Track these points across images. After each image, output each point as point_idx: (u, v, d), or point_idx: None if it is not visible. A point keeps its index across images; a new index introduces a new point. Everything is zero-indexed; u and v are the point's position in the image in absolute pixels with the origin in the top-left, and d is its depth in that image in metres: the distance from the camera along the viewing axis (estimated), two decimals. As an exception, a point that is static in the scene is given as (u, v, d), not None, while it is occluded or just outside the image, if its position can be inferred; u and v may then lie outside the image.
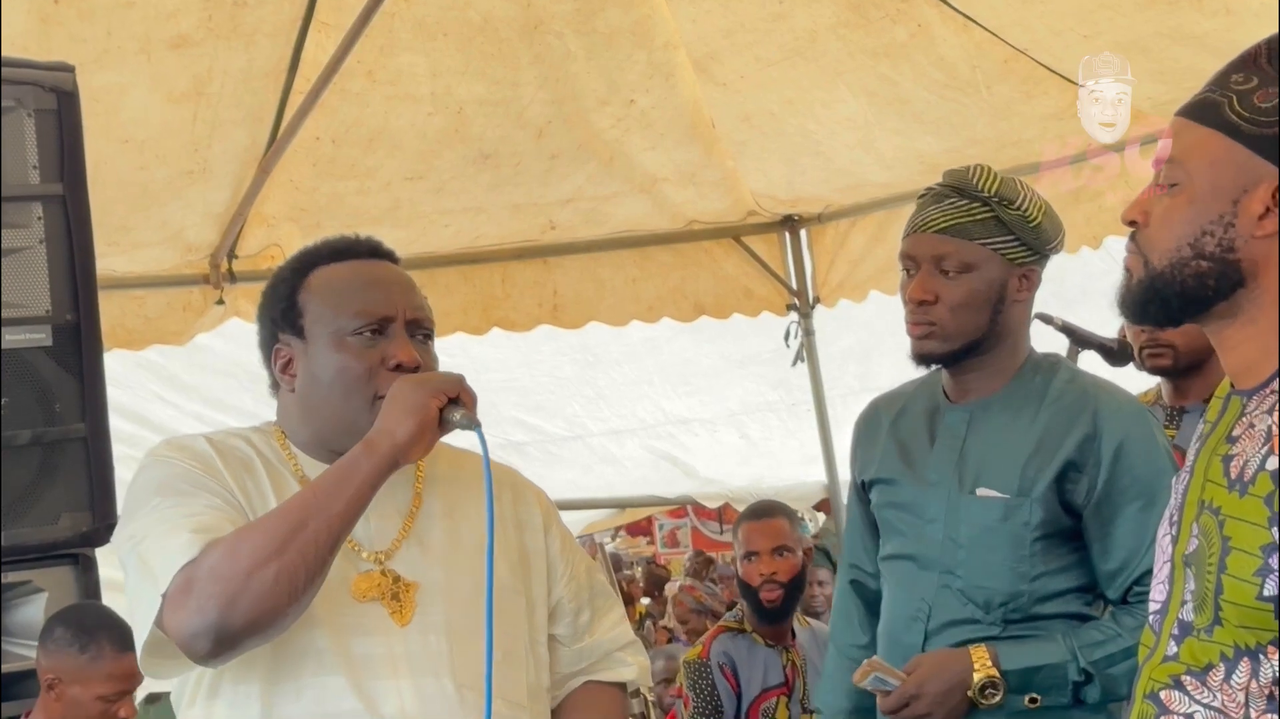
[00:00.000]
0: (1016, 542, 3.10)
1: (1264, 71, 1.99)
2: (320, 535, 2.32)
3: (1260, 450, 1.95)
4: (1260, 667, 1.93)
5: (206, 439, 2.56)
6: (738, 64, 5.53)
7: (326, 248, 2.64)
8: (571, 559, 2.75)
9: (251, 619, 2.30)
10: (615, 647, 2.79)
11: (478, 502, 2.55)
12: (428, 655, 2.48)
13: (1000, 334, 3.15)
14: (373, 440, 2.38)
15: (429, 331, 2.59)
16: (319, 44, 5.17)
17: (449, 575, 2.54)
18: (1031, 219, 3.11)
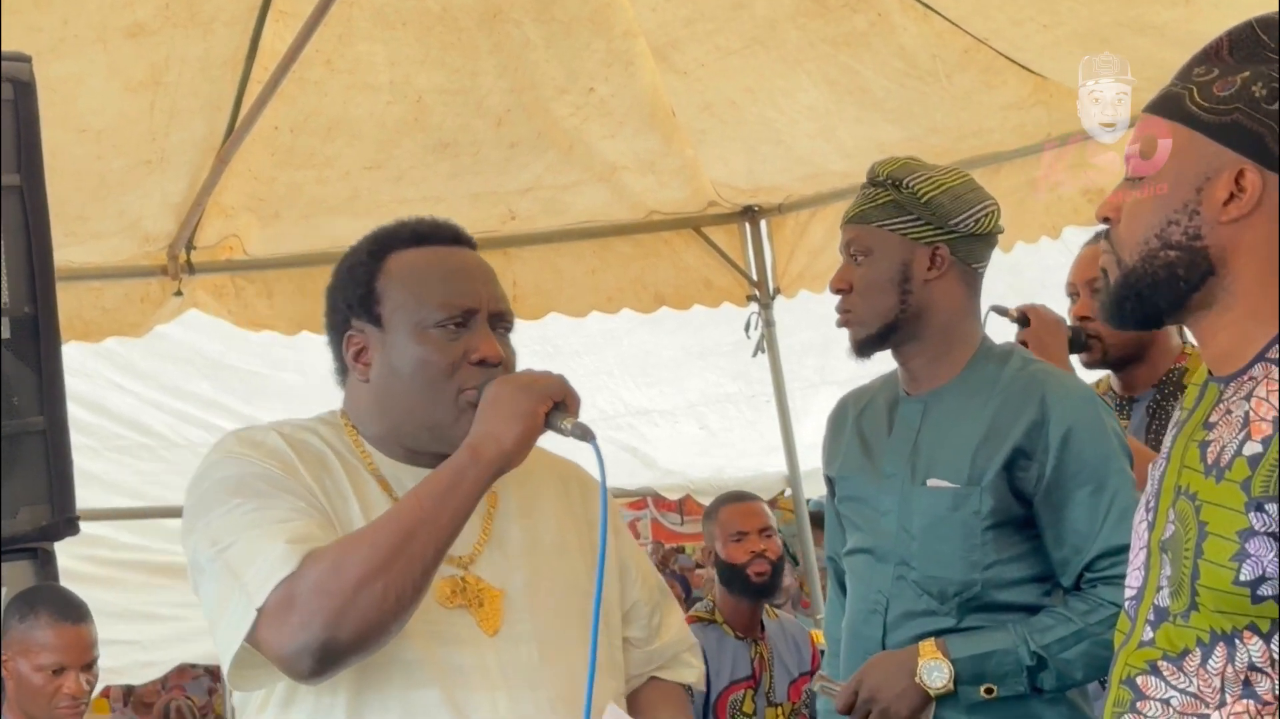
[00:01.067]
0: (967, 531, 3.10)
1: (1225, 63, 2.01)
2: (428, 548, 2.23)
3: (1237, 436, 1.96)
4: (1236, 651, 1.94)
5: (279, 433, 2.43)
6: (698, 52, 5.52)
7: (406, 230, 2.51)
8: (639, 559, 2.66)
9: (358, 636, 2.21)
10: (683, 648, 2.69)
11: (553, 498, 2.52)
12: (519, 666, 2.37)
13: (921, 315, 3.16)
14: (477, 446, 2.29)
15: (510, 324, 2.49)
16: (277, 33, 5.14)
17: (532, 580, 2.44)
18: (922, 195, 3.14)
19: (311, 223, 5.93)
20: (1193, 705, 1.97)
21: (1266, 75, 1.97)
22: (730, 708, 5.14)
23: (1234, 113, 1.98)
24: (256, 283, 6.02)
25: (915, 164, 3.22)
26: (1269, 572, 1.90)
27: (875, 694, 3.09)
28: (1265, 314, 2.00)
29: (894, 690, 3.08)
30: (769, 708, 5.18)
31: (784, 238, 6.65)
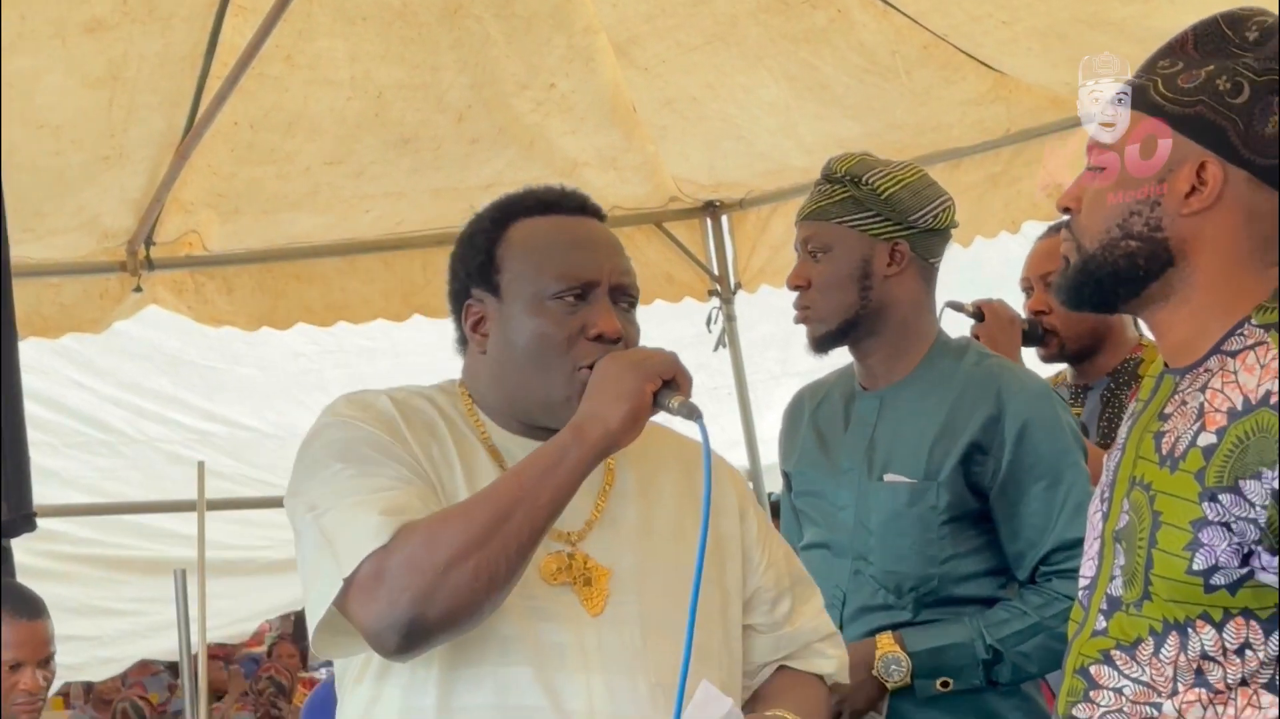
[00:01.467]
0: (924, 526, 3.12)
1: (1190, 56, 2.02)
2: (524, 528, 2.16)
3: (1192, 427, 1.97)
4: (1189, 640, 1.95)
5: (390, 397, 2.38)
6: (659, 48, 5.52)
7: (531, 198, 2.45)
8: (770, 545, 2.55)
9: (447, 615, 2.16)
10: (816, 637, 2.57)
11: (673, 480, 2.44)
12: (621, 650, 2.29)
13: (880, 311, 3.17)
14: (582, 425, 2.21)
15: (634, 299, 2.40)
16: (236, 28, 5.11)
17: (643, 562, 2.36)
18: (882, 191, 3.14)
19: (272, 219, 5.91)
20: (1145, 694, 1.99)
21: (1231, 69, 1.99)
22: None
23: (1198, 105, 2.00)
24: (216, 279, 5.99)
25: (872, 160, 3.23)
26: (1221, 561, 1.91)
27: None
28: (1222, 307, 2.02)
29: (851, 683, 3.09)
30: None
31: (745, 233, 6.65)
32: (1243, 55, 2.00)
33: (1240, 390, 1.95)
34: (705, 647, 2.34)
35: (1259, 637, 1.93)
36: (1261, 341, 1.98)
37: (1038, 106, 5.35)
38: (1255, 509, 1.89)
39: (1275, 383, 1.92)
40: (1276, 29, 2.02)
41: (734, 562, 2.47)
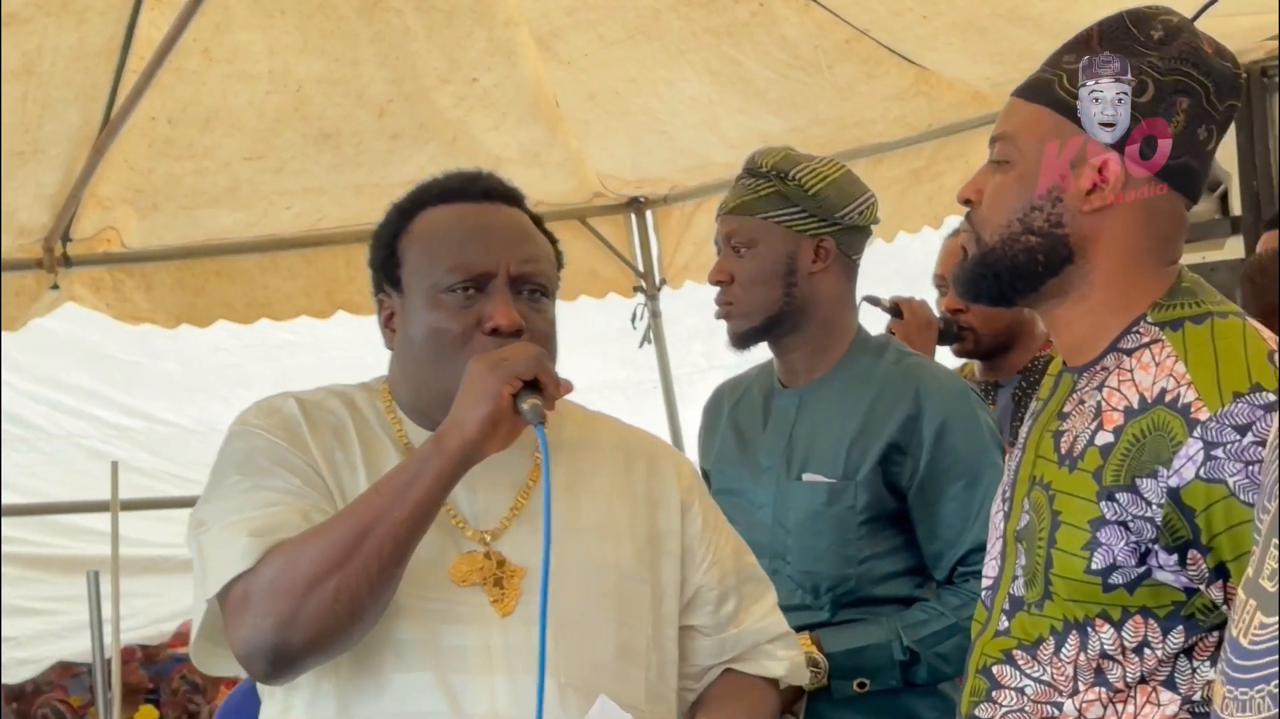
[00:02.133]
0: (842, 526, 3.10)
1: (1094, 52, 2.02)
2: (384, 545, 2.07)
3: (1089, 426, 1.98)
4: (1088, 639, 1.96)
5: (297, 400, 2.31)
6: (581, 42, 5.49)
7: (436, 187, 2.35)
8: (715, 542, 2.43)
9: (310, 640, 2.10)
10: (764, 638, 2.45)
11: (609, 474, 2.37)
12: (529, 650, 2.17)
13: (804, 308, 3.15)
14: (442, 435, 2.13)
15: (540, 287, 2.28)
16: (152, 21, 5.05)
17: (561, 559, 2.20)
18: (809, 187, 3.13)
19: (191, 215, 5.85)
20: (1046, 693, 1.99)
21: (1136, 68, 1.99)
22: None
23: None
24: (135, 276, 5.93)
25: (797, 155, 3.21)
26: (1119, 560, 1.92)
27: None
28: (1119, 305, 2.02)
29: None
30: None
31: (669, 229, 6.65)
32: (1148, 54, 2.00)
33: (1136, 389, 1.95)
34: (631, 646, 2.28)
35: (1157, 635, 1.94)
36: (1157, 339, 1.98)
37: (959, 102, 5.36)
38: (1152, 508, 1.89)
39: (1170, 381, 1.92)
40: (1182, 28, 2.02)
41: (671, 559, 2.38)
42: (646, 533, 2.35)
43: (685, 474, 2.45)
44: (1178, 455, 1.88)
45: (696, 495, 2.44)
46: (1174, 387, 1.91)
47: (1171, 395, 1.91)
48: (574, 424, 2.39)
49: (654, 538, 2.36)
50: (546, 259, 2.32)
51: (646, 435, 2.48)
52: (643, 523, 2.36)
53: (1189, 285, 2.03)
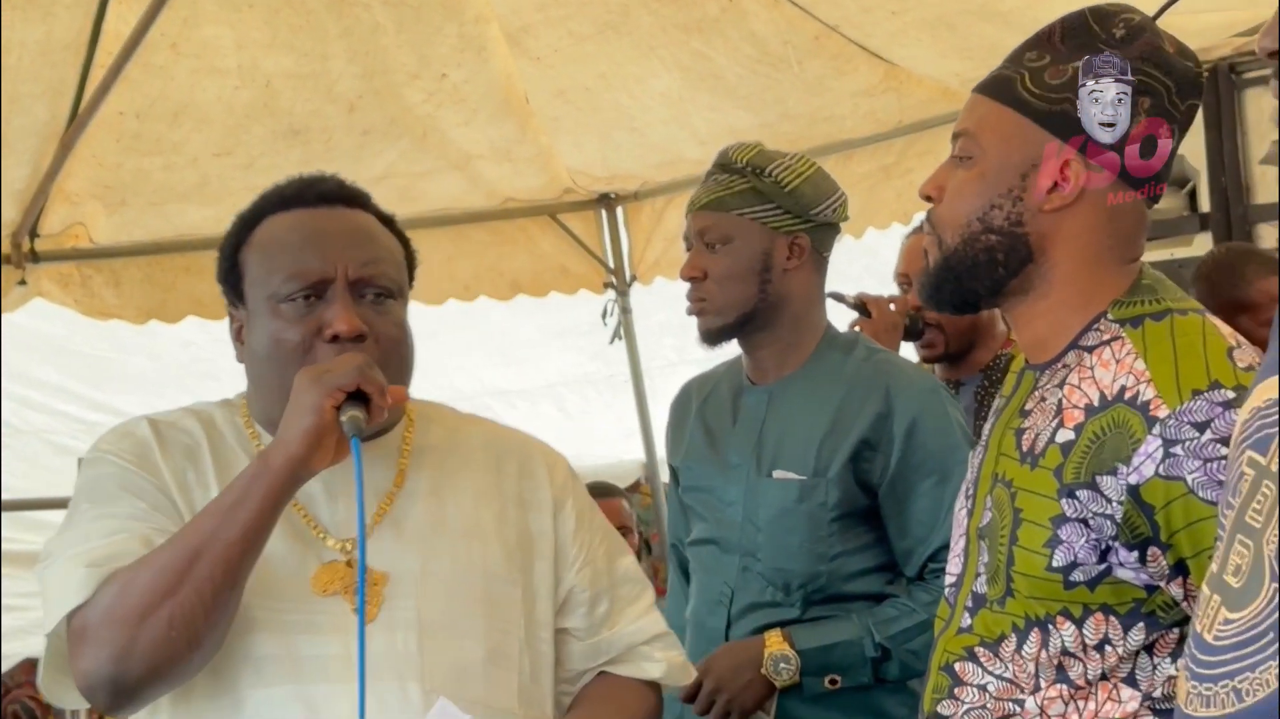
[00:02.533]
0: (814, 523, 3.10)
1: (1057, 49, 2.02)
2: (216, 569, 2.02)
3: (1051, 423, 1.98)
4: (1050, 637, 1.96)
5: (150, 422, 2.26)
6: (551, 38, 5.48)
7: (276, 194, 2.30)
8: (588, 542, 2.38)
9: (149, 670, 2.04)
10: (640, 639, 2.40)
11: (477, 476, 2.32)
12: (392, 656, 2.15)
13: (778, 305, 3.15)
14: (268, 452, 2.07)
15: (384, 290, 2.22)
16: (120, 15, 5.03)
17: (426, 563, 2.21)
18: (785, 184, 3.12)
19: (159, 210, 5.82)
20: (1008, 690, 1.99)
21: None
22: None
23: (1064, 102, 2.00)
24: (104, 271, 5.90)
25: (771, 151, 3.20)
26: (1080, 558, 1.92)
27: (721, 685, 3.09)
28: (1080, 302, 2.02)
29: (740, 682, 3.08)
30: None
31: (640, 225, 6.64)
32: (1109, 53, 2.00)
33: (1097, 386, 1.95)
34: (502, 649, 2.24)
35: (1118, 632, 1.94)
36: (1117, 337, 1.98)
37: (929, 98, 5.36)
38: (1112, 505, 1.90)
39: (1130, 378, 1.92)
40: (1143, 27, 2.02)
41: (544, 561, 2.33)
42: (517, 535, 2.31)
43: (559, 473, 2.40)
44: (1137, 453, 1.88)
45: (570, 494, 2.39)
46: (1134, 384, 1.92)
47: (1131, 393, 1.91)
48: (441, 427, 2.35)
49: (525, 540, 2.32)
50: (391, 260, 2.26)
51: (519, 435, 2.43)
52: (513, 525, 2.31)
53: (1150, 282, 2.04)
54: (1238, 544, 1.36)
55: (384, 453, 2.25)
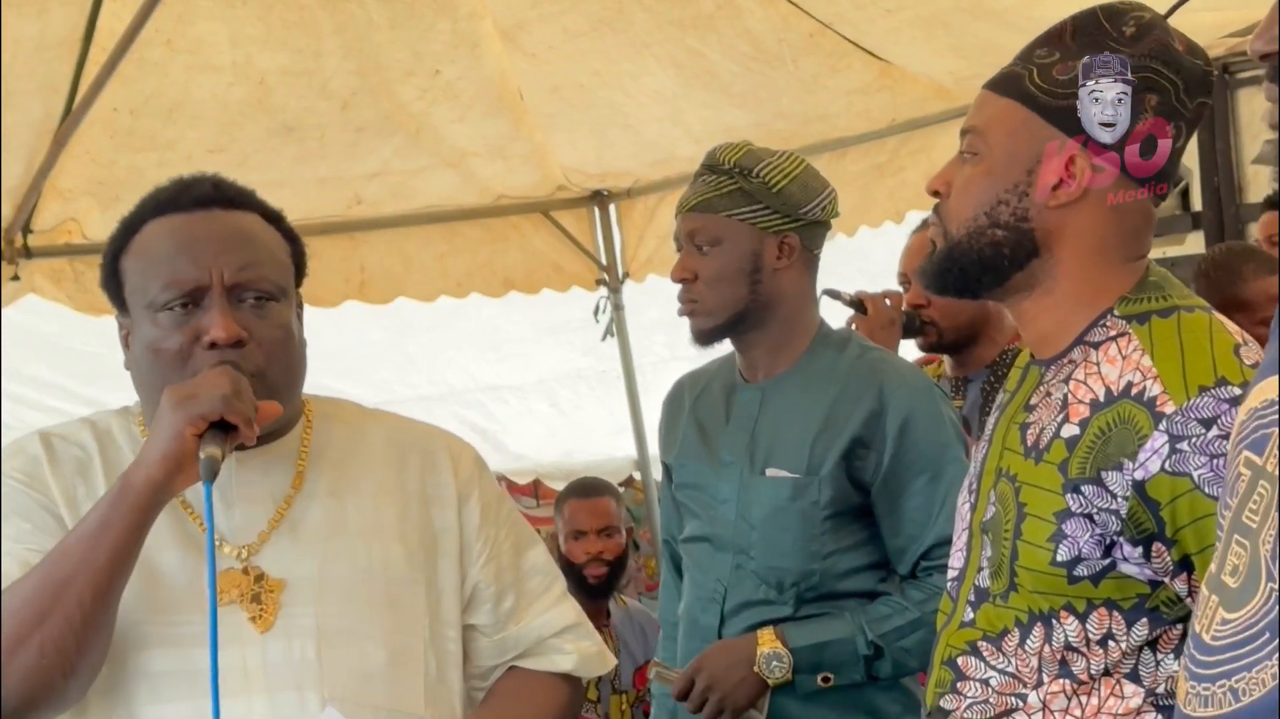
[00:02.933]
0: (807, 521, 3.11)
1: (1067, 47, 2.03)
2: (85, 594, 1.97)
3: (1056, 419, 1.98)
4: (1053, 631, 1.96)
5: (42, 437, 2.22)
6: (545, 34, 5.48)
7: (153, 200, 2.23)
8: (493, 536, 2.32)
9: (26, 699, 1.99)
10: (549, 632, 2.35)
11: (379, 474, 2.26)
12: (290, 666, 2.12)
13: (769, 304, 3.16)
14: (129, 473, 2.02)
15: (264, 293, 2.16)
16: (114, 12, 5.02)
17: (324, 567, 2.16)
18: (773, 184, 3.12)
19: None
20: (1011, 685, 1.99)
21: None
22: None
23: (1070, 98, 2.00)
24: (96, 267, 5.82)
25: (759, 150, 3.20)
26: (1084, 552, 1.92)
27: (714, 682, 3.09)
28: (1086, 298, 2.03)
29: (733, 680, 3.08)
30: (613, 694, 5.19)
31: (633, 222, 6.64)
32: (1119, 50, 2.00)
33: (1102, 381, 1.96)
34: (405, 651, 2.19)
35: (1121, 627, 1.94)
36: (1124, 333, 1.99)
37: (922, 96, 5.37)
38: (1117, 500, 1.90)
39: (1136, 374, 1.93)
40: (1153, 25, 2.02)
41: (448, 558, 2.28)
42: (419, 532, 2.26)
43: (464, 466, 2.33)
44: (1143, 448, 1.88)
45: (475, 487, 2.33)
46: (1140, 380, 1.92)
47: (1137, 389, 1.91)
48: (343, 425, 2.30)
49: (428, 537, 2.27)
50: (271, 262, 2.20)
51: (424, 428, 2.37)
52: (415, 522, 2.26)
53: (1156, 279, 2.04)
54: (1235, 544, 1.36)
55: (281, 455, 2.22)
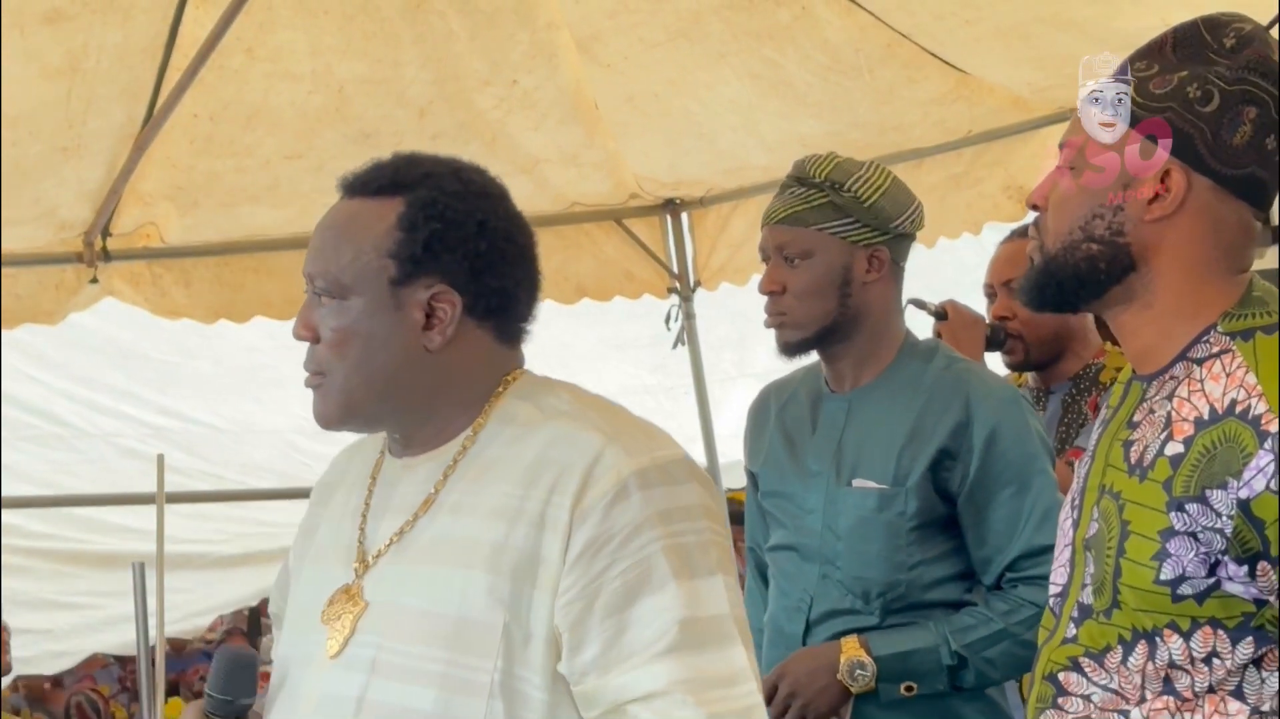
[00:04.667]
0: (893, 532, 3.11)
1: (1166, 59, 2.02)
2: None
3: (1159, 436, 1.97)
4: (1157, 649, 1.96)
5: (346, 449, 2.28)
6: (621, 45, 5.50)
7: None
8: (590, 573, 1.99)
9: None
10: (627, 697, 1.99)
11: (505, 489, 2.05)
12: (338, 699, 2.03)
13: (857, 317, 3.15)
14: None
15: (323, 287, 2.08)
16: (197, 20, 5.08)
17: (403, 593, 2.05)
18: (865, 199, 3.12)
19: (230, 212, 5.87)
20: (1113, 702, 1.99)
21: (1203, 77, 1.99)
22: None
23: (1166, 111, 2.00)
24: (174, 271, 5.95)
25: (849, 164, 3.19)
26: (1189, 571, 1.91)
27: (796, 689, 3.10)
28: (1186, 312, 2.02)
29: (816, 687, 3.09)
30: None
31: (705, 231, 6.63)
32: (1217, 62, 1.99)
33: (1207, 399, 1.95)
34: (465, 693, 2.00)
35: (1226, 646, 1.93)
36: (1227, 349, 1.98)
37: (1000, 107, 5.36)
38: (1221, 519, 1.89)
39: (1241, 391, 1.92)
40: (1254, 37, 2.01)
41: (543, 593, 2.01)
42: (517, 561, 2.01)
43: (596, 488, 2.02)
44: (1248, 467, 1.88)
45: (597, 514, 2.00)
46: (1244, 398, 1.91)
47: (1242, 406, 1.91)
48: (512, 431, 2.10)
49: (529, 566, 2.01)
50: (333, 256, 2.08)
51: (585, 442, 2.05)
52: (517, 549, 2.02)
53: (1260, 294, 2.03)
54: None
55: (440, 463, 2.11)
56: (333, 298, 2.08)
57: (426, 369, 2.10)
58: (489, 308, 2.12)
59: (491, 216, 2.13)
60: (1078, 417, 3.95)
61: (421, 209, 2.10)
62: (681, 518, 2.03)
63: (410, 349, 2.09)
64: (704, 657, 1.99)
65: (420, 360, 2.09)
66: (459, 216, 2.10)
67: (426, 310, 2.09)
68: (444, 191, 2.12)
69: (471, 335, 2.12)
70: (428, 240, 2.08)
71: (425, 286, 2.09)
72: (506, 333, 2.16)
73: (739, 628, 2.04)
